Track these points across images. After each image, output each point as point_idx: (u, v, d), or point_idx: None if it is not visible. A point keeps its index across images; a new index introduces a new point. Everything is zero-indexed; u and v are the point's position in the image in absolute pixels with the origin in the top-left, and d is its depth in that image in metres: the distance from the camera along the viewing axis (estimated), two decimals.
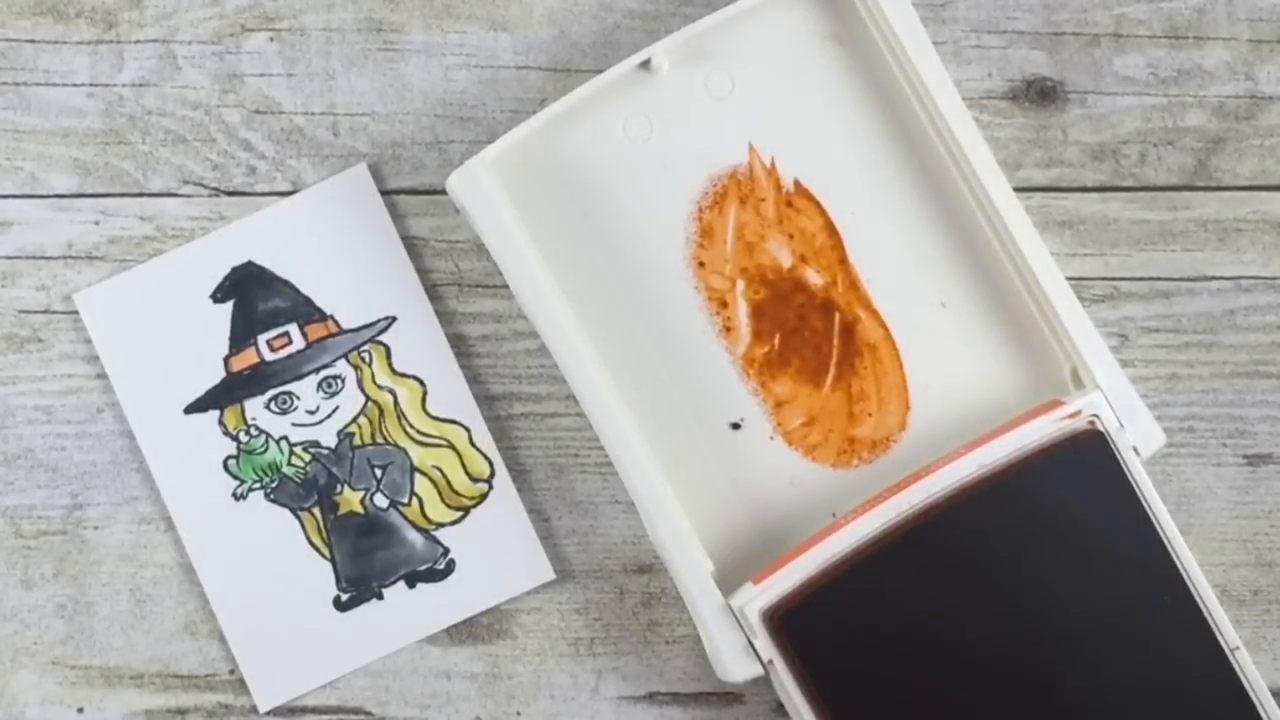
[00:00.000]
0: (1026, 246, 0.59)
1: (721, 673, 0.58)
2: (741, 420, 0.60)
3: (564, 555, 0.61)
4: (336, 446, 0.60)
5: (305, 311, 0.61)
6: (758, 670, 0.57)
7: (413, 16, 0.62)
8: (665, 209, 0.61)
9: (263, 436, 0.60)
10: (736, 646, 0.57)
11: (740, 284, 0.60)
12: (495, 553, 0.60)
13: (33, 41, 0.62)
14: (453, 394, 0.61)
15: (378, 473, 0.60)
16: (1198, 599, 0.57)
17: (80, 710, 0.59)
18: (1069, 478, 0.57)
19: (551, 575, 0.60)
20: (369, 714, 0.60)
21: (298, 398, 0.60)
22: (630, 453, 0.58)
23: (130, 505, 0.60)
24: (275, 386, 0.60)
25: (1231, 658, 0.57)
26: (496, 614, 0.60)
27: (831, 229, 0.61)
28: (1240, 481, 0.62)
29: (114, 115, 0.62)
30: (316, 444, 0.60)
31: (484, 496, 0.60)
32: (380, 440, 0.60)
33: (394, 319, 0.61)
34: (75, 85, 0.62)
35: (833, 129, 0.61)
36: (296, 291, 0.61)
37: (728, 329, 0.60)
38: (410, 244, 0.61)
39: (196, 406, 0.60)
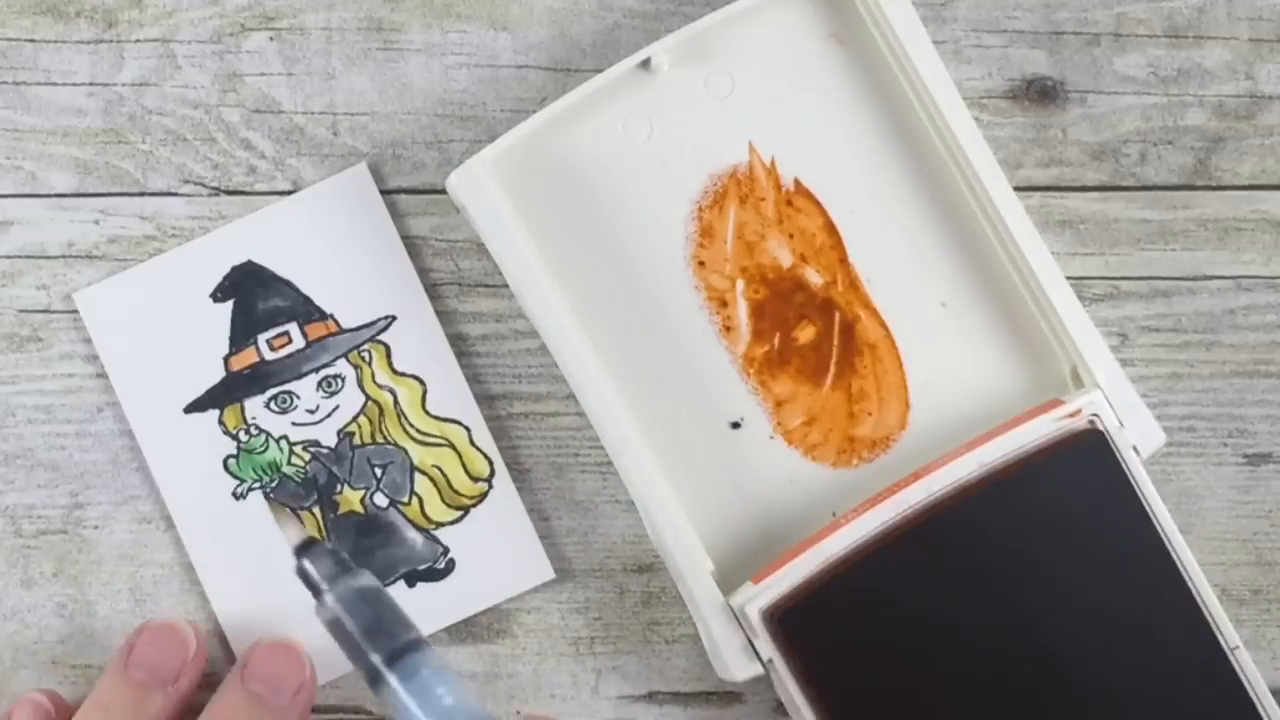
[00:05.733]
0: (1026, 246, 0.59)
1: (721, 672, 0.58)
2: (741, 420, 0.60)
3: (564, 555, 0.61)
4: (336, 446, 0.60)
5: (305, 311, 0.61)
6: (758, 670, 0.57)
7: (413, 16, 0.62)
8: (665, 208, 0.61)
9: (263, 436, 0.60)
10: (736, 646, 0.57)
11: (740, 283, 0.60)
12: (495, 552, 0.60)
13: (33, 41, 0.62)
14: (453, 393, 0.60)
15: (378, 472, 0.60)
16: (1198, 599, 0.57)
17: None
18: (1069, 477, 0.57)
19: (551, 575, 0.60)
20: (369, 714, 0.60)
21: (298, 397, 0.60)
22: (630, 452, 0.58)
23: (130, 504, 0.60)
24: (275, 386, 0.60)
25: (1231, 657, 0.57)
26: (496, 613, 0.60)
27: (831, 228, 0.61)
28: (1240, 481, 0.62)
29: (114, 115, 0.62)
30: (316, 443, 0.60)
31: (484, 496, 0.60)
32: (380, 439, 0.60)
33: (394, 318, 0.61)
34: (75, 85, 0.62)
35: (833, 128, 0.61)
36: (296, 291, 0.61)
37: (728, 328, 0.60)
38: (410, 243, 0.61)
39: (196, 406, 0.60)
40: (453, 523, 0.60)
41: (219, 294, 0.61)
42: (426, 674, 0.49)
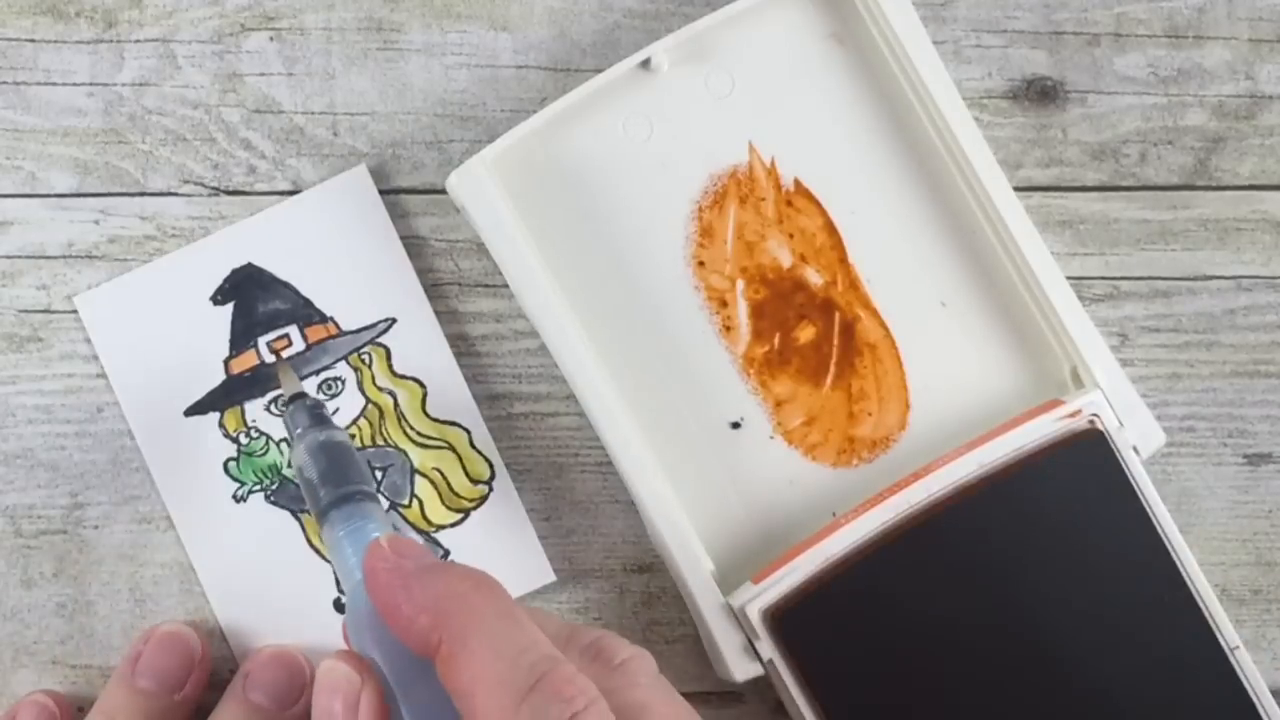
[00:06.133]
0: (1026, 246, 0.59)
1: (721, 673, 0.58)
2: (741, 419, 0.60)
3: (564, 555, 0.61)
4: None
5: (305, 314, 0.61)
6: (758, 670, 0.57)
7: (413, 16, 0.62)
8: (665, 208, 0.61)
9: (263, 439, 0.60)
10: (736, 646, 0.57)
11: (740, 283, 0.60)
12: (495, 555, 0.60)
13: (33, 41, 0.62)
14: (453, 396, 0.60)
15: (378, 475, 0.60)
16: (1198, 599, 0.57)
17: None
18: (1069, 477, 0.58)
19: (552, 577, 0.60)
20: None
21: None
22: (630, 453, 0.58)
23: (130, 504, 0.60)
24: (275, 388, 0.60)
25: (1231, 657, 0.57)
26: None
27: (831, 228, 0.61)
28: (1240, 481, 0.62)
29: (114, 115, 0.62)
30: None
31: (484, 499, 0.60)
32: (380, 442, 0.60)
33: (394, 321, 0.61)
34: (75, 85, 0.62)
35: (833, 128, 0.61)
36: (296, 293, 0.61)
37: (727, 328, 0.60)
38: (410, 244, 0.61)
39: (197, 409, 0.60)
40: (453, 525, 0.60)
41: (219, 297, 0.61)
42: (364, 520, 0.52)
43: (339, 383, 0.60)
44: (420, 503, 0.60)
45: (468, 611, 0.46)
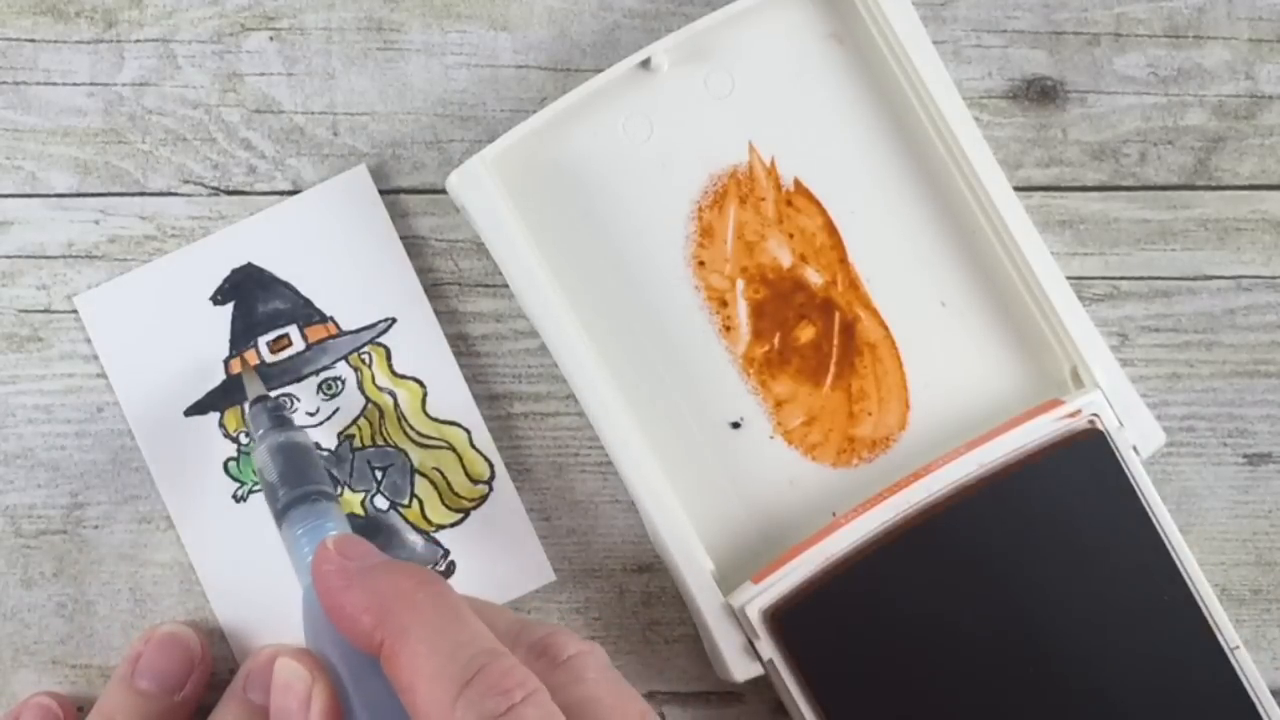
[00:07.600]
0: (1026, 246, 0.59)
1: (721, 672, 0.58)
2: (741, 420, 0.60)
3: (564, 555, 0.61)
4: (336, 449, 0.60)
5: (305, 313, 0.61)
6: (758, 670, 0.57)
7: (413, 16, 0.62)
8: (665, 208, 0.61)
9: None
10: (736, 646, 0.57)
11: (740, 283, 0.60)
12: (495, 555, 0.60)
13: (33, 41, 0.62)
14: (453, 396, 0.60)
15: (378, 475, 0.60)
16: (1198, 599, 0.57)
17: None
18: (1069, 477, 0.57)
19: (552, 577, 0.60)
20: None
21: (298, 400, 0.60)
22: (630, 453, 0.58)
23: (130, 504, 0.60)
24: (275, 388, 0.60)
25: (1231, 657, 0.57)
26: None
27: (831, 228, 0.61)
28: (1240, 481, 0.62)
29: (114, 115, 0.62)
30: (316, 446, 0.60)
31: (484, 498, 0.60)
32: (380, 442, 0.60)
33: (394, 321, 0.61)
34: (75, 85, 0.62)
35: (833, 128, 0.61)
36: (296, 293, 0.61)
37: (727, 328, 0.60)
38: (410, 243, 0.61)
39: (197, 409, 0.60)
40: (453, 525, 0.60)
41: (219, 297, 0.61)
42: (321, 519, 0.53)
43: (339, 383, 0.60)
44: (420, 503, 0.60)
45: (410, 609, 0.46)
